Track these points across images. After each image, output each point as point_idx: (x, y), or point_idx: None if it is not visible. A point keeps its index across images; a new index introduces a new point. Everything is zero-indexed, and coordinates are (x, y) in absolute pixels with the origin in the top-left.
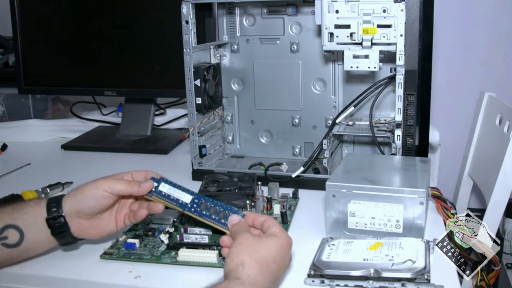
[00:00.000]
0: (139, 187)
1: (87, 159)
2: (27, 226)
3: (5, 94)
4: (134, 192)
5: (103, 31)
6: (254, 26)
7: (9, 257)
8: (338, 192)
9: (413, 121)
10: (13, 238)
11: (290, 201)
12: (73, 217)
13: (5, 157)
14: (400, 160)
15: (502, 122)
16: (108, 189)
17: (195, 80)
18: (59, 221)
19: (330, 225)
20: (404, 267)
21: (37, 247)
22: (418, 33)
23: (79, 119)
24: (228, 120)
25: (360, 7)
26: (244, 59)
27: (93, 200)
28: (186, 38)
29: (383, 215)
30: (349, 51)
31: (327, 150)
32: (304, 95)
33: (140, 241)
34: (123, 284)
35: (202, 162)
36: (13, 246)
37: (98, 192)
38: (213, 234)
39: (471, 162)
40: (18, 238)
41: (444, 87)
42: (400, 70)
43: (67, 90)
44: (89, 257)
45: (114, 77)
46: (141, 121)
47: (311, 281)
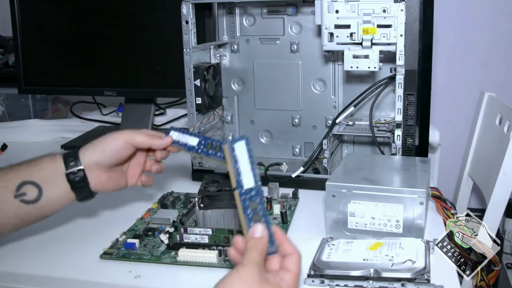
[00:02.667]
0: (161, 139)
1: None
2: (45, 182)
3: (5, 94)
4: (154, 144)
5: (103, 31)
6: (254, 26)
7: (27, 214)
8: (338, 192)
9: (413, 121)
10: (31, 194)
11: (290, 201)
12: (92, 170)
13: (5, 157)
14: (400, 160)
15: (502, 122)
16: (129, 139)
17: (195, 80)
18: (78, 174)
19: (330, 225)
20: (404, 267)
21: (55, 204)
22: (418, 33)
23: (79, 119)
24: (228, 120)
25: (360, 7)
26: (244, 59)
27: (112, 151)
28: (186, 38)
29: (383, 215)
30: (349, 51)
31: (327, 150)
32: (304, 95)
33: (140, 241)
34: (123, 284)
35: (202, 162)
36: (32, 202)
37: (118, 143)
38: (213, 234)
39: (471, 162)
40: (37, 194)
41: (444, 87)
42: (400, 70)
43: (67, 90)
44: (89, 257)
45: (114, 77)
46: (141, 121)
47: (311, 281)
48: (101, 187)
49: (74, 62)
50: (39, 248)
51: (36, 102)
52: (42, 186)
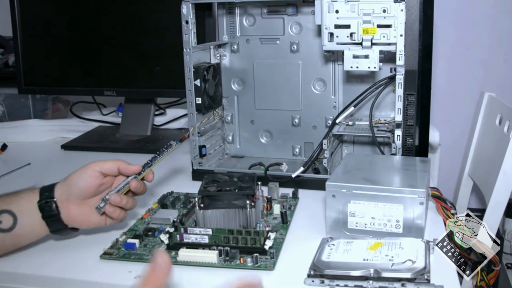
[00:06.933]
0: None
1: (87, 159)
2: (20, 211)
3: (5, 94)
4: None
5: (103, 31)
6: (254, 26)
7: (2, 242)
8: (338, 192)
9: (413, 121)
10: (6, 223)
11: (290, 201)
12: (63, 202)
13: (5, 157)
14: (400, 160)
15: (502, 122)
16: (96, 167)
17: (195, 80)
18: (50, 204)
19: (330, 225)
20: (404, 267)
21: (29, 234)
22: (418, 33)
23: (79, 119)
24: (228, 120)
25: (360, 7)
26: (244, 59)
27: (81, 180)
28: (186, 38)
29: (383, 215)
30: (349, 51)
31: (327, 150)
32: (304, 95)
33: (140, 241)
34: (123, 284)
35: (202, 162)
36: (6, 230)
37: (87, 172)
38: (213, 234)
39: (471, 162)
40: (12, 223)
41: (444, 87)
42: (400, 70)
43: (67, 90)
44: (89, 257)
45: (114, 77)
46: (141, 121)
47: (311, 281)
48: (73, 220)
49: (74, 62)
50: (39, 249)
51: (36, 102)
52: (18, 215)
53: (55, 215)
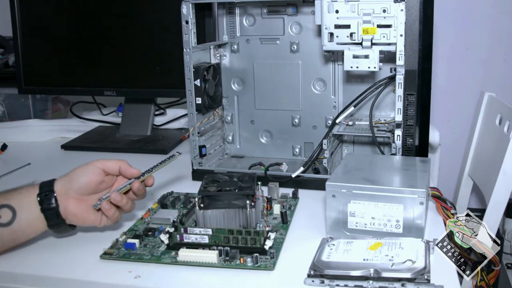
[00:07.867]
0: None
1: (87, 159)
2: (20, 205)
3: (5, 94)
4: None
5: (103, 31)
6: (254, 26)
7: (0, 237)
8: (338, 192)
9: (413, 121)
10: (5, 217)
11: (290, 201)
12: (62, 195)
13: (5, 157)
14: (400, 160)
15: (502, 122)
16: (99, 164)
17: (195, 80)
18: (49, 197)
19: (330, 225)
20: (404, 267)
21: (27, 228)
22: (418, 33)
23: (79, 119)
24: (228, 120)
25: (360, 7)
26: (244, 59)
27: (83, 175)
28: (186, 38)
29: (383, 215)
30: (349, 51)
31: (327, 150)
32: (304, 95)
33: (140, 241)
34: (123, 284)
35: (202, 162)
36: (5, 225)
37: (89, 168)
38: (213, 234)
39: (471, 162)
40: (11, 217)
41: (444, 87)
42: (400, 70)
43: (67, 90)
44: (89, 257)
45: (114, 77)
46: (141, 121)
47: (311, 281)
48: (70, 214)
49: (74, 62)
50: (39, 248)
51: (36, 102)
52: (17, 210)
53: (53, 208)
